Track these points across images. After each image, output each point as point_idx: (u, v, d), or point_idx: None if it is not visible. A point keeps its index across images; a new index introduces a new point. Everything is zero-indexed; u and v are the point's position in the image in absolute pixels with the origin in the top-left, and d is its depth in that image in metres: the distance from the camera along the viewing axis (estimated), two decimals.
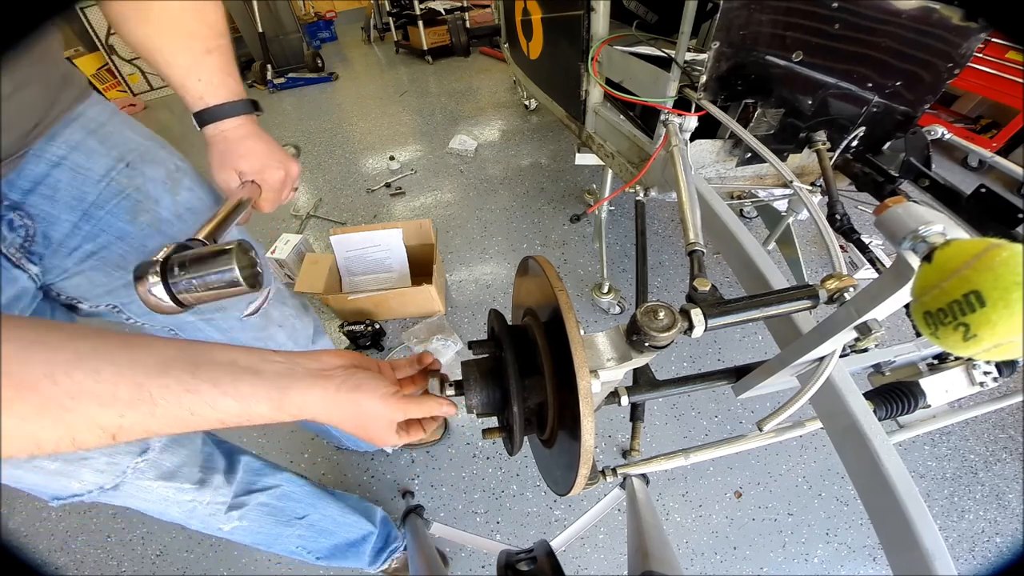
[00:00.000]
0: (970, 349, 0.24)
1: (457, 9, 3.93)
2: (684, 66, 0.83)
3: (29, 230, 0.45)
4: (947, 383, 0.57)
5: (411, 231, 1.57)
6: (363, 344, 1.52)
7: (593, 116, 1.24)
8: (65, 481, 0.50)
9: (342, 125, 3.01)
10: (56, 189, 0.46)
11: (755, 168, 1.03)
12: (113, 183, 0.50)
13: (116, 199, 0.50)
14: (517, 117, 2.91)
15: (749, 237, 0.63)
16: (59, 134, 0.46)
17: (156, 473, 0.57)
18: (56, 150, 0.46)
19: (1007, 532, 1.12)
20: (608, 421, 1.31)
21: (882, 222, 0.32)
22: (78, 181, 0.47)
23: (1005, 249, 0.23)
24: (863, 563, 1.07)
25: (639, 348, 0.36)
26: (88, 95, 0.50)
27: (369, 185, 2.35)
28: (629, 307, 1.59)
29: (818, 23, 0.78)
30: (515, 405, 0.37)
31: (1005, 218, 0.72)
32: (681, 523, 1.14)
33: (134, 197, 0.51)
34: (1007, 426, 1.30)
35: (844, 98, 0.88)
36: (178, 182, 0.55)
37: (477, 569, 1.08)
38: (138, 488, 0.56)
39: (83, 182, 0.48)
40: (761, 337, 1.53)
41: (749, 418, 1.32)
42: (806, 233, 1.85)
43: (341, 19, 5.02)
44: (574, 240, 1.90)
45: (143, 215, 0.52)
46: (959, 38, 0.81)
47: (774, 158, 0.69)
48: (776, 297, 0.41)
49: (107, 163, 0.49)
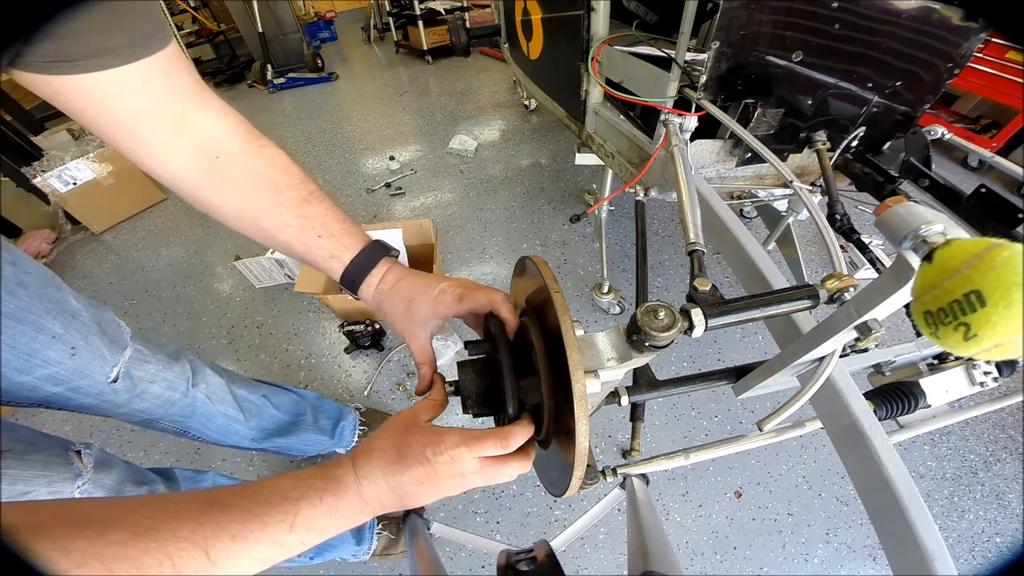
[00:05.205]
0: (970, 349, 0.24)
1: (457, 9, 3.93)
2: (684, 66, 0.83)
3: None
4: (947, 383, 0.57)
5: (411, 231, 1.56)
6: (363, 344, 1.52)
7: (593, 116, 1.24)
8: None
9: (342, 125, 3.01)
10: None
11: (755, 168, 1.03)
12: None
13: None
14: (517, 117, 2.91)
15: (749, 237, 0.63)
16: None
17: (102, 493, 0.60)
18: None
19: (1007, 532, 1.12)
20: (608, 421, 1.31)
21: (882, 222, 0.32)
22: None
23: (1006, 249, 0.23)
24: (863, 563, 1.07)
25: (639, 348, 0.36)
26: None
27: (369, 185, 2.35)
28: (629, 307, 1.59)
29: (818, 23, 0.78)
30: (510, 406, 0.37)
31: (1005, 218, 0.72)
32: (681, 523, 1.14)
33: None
34: (1007, 426, 1.30)
35: (844, 98, 0.88)
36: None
37: (477, 569, 1.08)
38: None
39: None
40: (761, 337, 1.53)
41: (749, 418, 1.32)
42: (806, 233, 1.85)
43: (341, 19, 5.02)
44: (574, 240, 1.90)
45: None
46: (959, 38, 0.81)
47: (774, 158, 0.69)
48: (776, 297, 0.41)
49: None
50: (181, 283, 1.85)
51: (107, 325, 0.66)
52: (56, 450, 0.58)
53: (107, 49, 0.35)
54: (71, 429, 1.35)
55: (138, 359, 0.70)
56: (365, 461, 0.34)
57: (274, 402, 0.98)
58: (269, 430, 0.97)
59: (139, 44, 0.37)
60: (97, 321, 0.64)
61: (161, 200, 2.35)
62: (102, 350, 0.63)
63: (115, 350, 0.65)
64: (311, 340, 1.59)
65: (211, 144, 0.44)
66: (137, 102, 0.39)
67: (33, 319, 0.54)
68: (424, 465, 0.33)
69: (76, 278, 1.92)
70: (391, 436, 0.35)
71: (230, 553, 0.27)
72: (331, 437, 1.11)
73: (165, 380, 0.74)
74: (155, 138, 0.41)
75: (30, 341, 0.53)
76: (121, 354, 0.66)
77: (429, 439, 0.34)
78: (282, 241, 0.47)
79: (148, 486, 0.71)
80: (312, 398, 1.11)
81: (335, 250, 0.47)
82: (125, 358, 0.67)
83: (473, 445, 0.34)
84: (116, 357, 0.65)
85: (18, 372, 0.54)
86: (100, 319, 0.65)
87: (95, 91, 0.36)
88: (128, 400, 0.68)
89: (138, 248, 2.06)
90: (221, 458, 1.27)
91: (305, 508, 0.30)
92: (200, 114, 0.43)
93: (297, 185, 0.47)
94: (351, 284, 0.48)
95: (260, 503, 0.29)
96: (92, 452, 0.63)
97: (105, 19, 0.35)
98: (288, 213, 0.46)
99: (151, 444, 1.31)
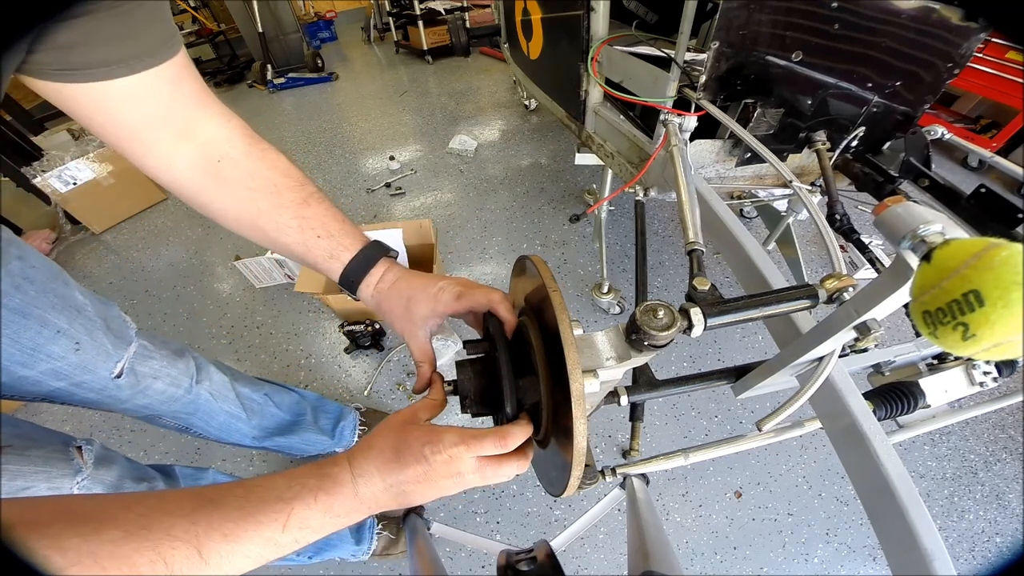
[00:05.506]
0: (969, 349, 0.24)
1: (457, 9, 3.93)
2: (684, 66, 0.83)
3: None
4: (947, 383, 0.57)
5: (411, 231, 1.56)
6: (363, 344, 1.52)
7: (593, 116, 1.24)
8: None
9: (342, 125, 3.01)
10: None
11: (755, 168, 1.03)
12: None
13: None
14: (517, 117, 2.91)
15: (749, 237, 0.63)
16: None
17: (101, 489, 0.60)
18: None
19: (1007, 532, 1.12)
20: (608, 421, 1.31)
21: (881, 221, 0.32)
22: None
23: (1004, 248, 0.23)
24: (863, 563, 1.07)
25: (638, 347, 0.36)
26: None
27: (369, 185, 2.35)
28: (629, 307, 1.59)
29: (818, 23, 0.78)
30: (508, 406, 0.37)
31: (1005, 218, 0.72)
32: (681, 523, 1.14)
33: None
34: (1007, 426, 1.30)
35: (844, 98, 0.88)
36: (4, 252, 0.53)
37: (477, 569, 1.08)
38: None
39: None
40: (761, 337, 1.52)
41: (749, 418, 1.32)
42: (806, 233, 1.85)
43: (341, 19, 5.02)
44: (574, 240, 1.90)
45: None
46: (959, 38, 0.81)
47: (774, 158, 0.69)
48: (776, 297, 0.41)
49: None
50: (181, 283, 1.85)
51: (112, 320, 0.66)
52: (57, 446, 0.58)
53: (119, 58, 0.36)
54: (71, 428, 1.35)
55: (143, 355, 0.70)
56: (362, 459, 0.34)
57: (276, 401, 0.98)
58: (270, 429, 0.97)
59: (149, 54, 0.38)
60: (103, 316, 0.64)
61: (161, 200, 2.35)
62: (106, 345, 0.63)
63: (120, 345, 0.65)
64: (311, 340, 1.59)
65: (213, 148, 0.44)
66: (145, 110, 0.40)
67: (39, 314, 0.54)
68: (422, 464, 0.33)
69: (76, 278, 1.88)
70: (389, 434, 0.35)
71: (223, 552, 0.27)
72: (331, 437, 1.11)
73: (169, 376, 0.74)
74: (159, 144, 0.42)
75: (35, 336, 0.54)
76: (126, 349, 0.67)
77: (427, 438, 0.34)
78: (281, 242, 0.47)
79: (148, 483, 0.71)
80: (312, 398, 1.11)
81: (334, 250, 0.47)
82: (129, 354, 0.67)
83: (472, 444, 0.34)
84: (120, 352, 0.65)
85: (22, 367, 0.54)
86: (106, 314, 0.65)
87: (106, 99, 0.37)
88: (131, 396, 0.69)
89: (138, 248, 2.07)
90: (221, 458, 1.27)
91: (299, 507, 0.30)
92: (204, 120, 0.44)
93: (296, 187, 0.47)
94: (350, 284, 0.48)
95: (253, 501, 0.29)
96: (93, 448, 0.63)
97: (118, 28, 0.35)
98: (287, 214, 0.46)
99: (151, 444, 1.31)
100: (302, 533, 0.30)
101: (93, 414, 1.37)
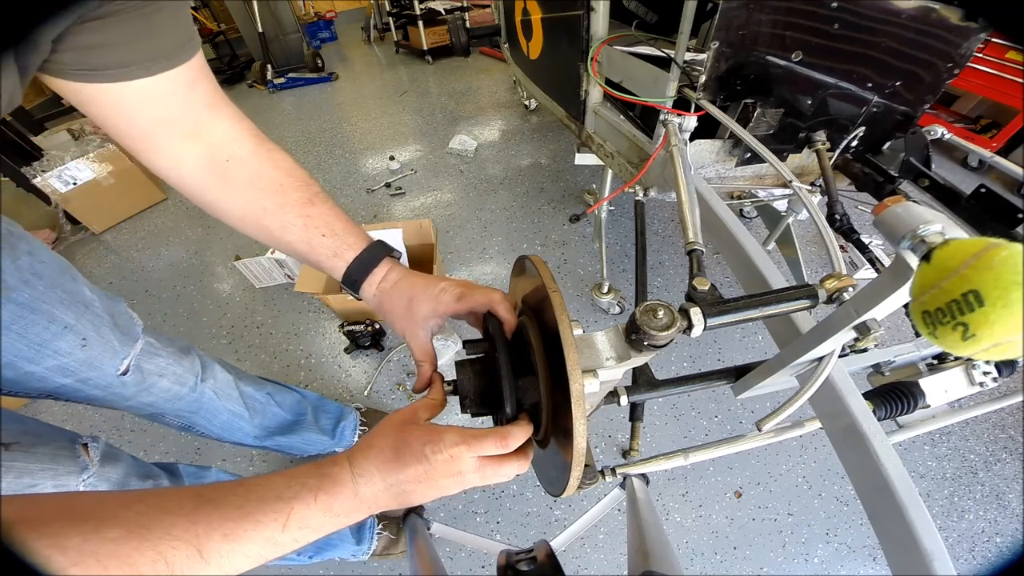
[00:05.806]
0: (969, 349, 0.24)
1: (457, 9, 3.93)
2: (684, 66, 0.83)
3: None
4: (947, 383, 0.57)
5: (411, 231, 1.56)
6: (363, 344, 1.52)
7: (593, 116, 1.24)
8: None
9: (342, 125, 3.01)
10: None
11: (755, 168, 1.03)
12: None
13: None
14: (517, 117, 2.91)
15: (749, 237, 0.63)
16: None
17: (107, 487, 0.60)
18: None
19: (1007, 532, 1.12)
20: (608, 421, 1.31)
21: (881, 221, 0.32)
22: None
23: (1004, 248, 0.23)
24: (863, 563, 1.07)
25: (638, 347, 0.36)
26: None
27: (369, 185, 2.35)
28: (629, 307, 1.59)
29: (818, 23, 0.78)
30: (508, 406, 0.37)
31: (1005, 218, 0.72)
32: (681, 523, 1.14)
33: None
34: (1007, 426, 1.30)
35: (844, 98, 0.88)
36: (14, 247, 0.52)
37: (477, 569, 1.08)
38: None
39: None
40: (761, 337, 1.52)
41: (749, 418, 1.32)
42: (806, 233, 1.85)
43: (341, 19, 5.02)
44: (574, 240, 1.90)
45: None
46: (959, 38, 0.81)
47: (774, 158, 0.69)
48: (775, 297, 0.41)
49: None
50: (181, 283, 1.85)
51: (120, 317, 0.66)
52: (63, 443, 0.58)
53: (138, 60, 0.37)
54: (72, 428, 1.34)
55: (149, 352, 0.70)
56: (362, 459, 0.34)
57: (278, 400, 0.98)
58: (272, 428, 0.97)
59: (167, 56, 0.39)
60: (110, 312, 0.64)
61: (161, 200, 2.35)
62: (113, 342, 0.63)
63: (126, 342, 0.65)
64: (311, 340, 1.59)
65: (222, 148, 0.45)
66: (160, 111, 0.41)
67: (47, 309, 0.54)
68: (422, 463, 0.33)
69: None
70: (389, 434, 0.35)
71: (223, 551, 0.27)
72: (332, 437, 1.11)
73: (174, 374, 0.74)
74: (170, 144, 0.43)
75: (42, 331, 0.53)
76: (132, 346, 0.66)
77: (428, 437, 0.34)
78: (285, 240, 0.47)
79: (153, 480, 0.71)
80: (313, 398, 1.11)
81: (338, 249, 0.47)
82: (136, 351, 0.67)
83: (472, 444, 0.34)
84: (127, 349, 0.65)
85: (29, 362, 0.54)
86: (113, 311, 0.65)
87: (123, 99, 0.38)
88: (136, 393, 0.68)
89: (138, 248, 2.07)
90: (221, 458, 1.27)
91: (299, 507, 0.30)
92: (215, 121, 0.45)
93: (302, 187, 0.48)
94: (353, 283, 0.48)
95: (253, 501, 0.29)
96: (99, 446, 0.63)
97: (138, 31, 0.36)
98: (292, 213, 0.46)
99: (151, 444, 1.31)
100: (302, 533, 0.30)
101: (94, 413, 1.37)
